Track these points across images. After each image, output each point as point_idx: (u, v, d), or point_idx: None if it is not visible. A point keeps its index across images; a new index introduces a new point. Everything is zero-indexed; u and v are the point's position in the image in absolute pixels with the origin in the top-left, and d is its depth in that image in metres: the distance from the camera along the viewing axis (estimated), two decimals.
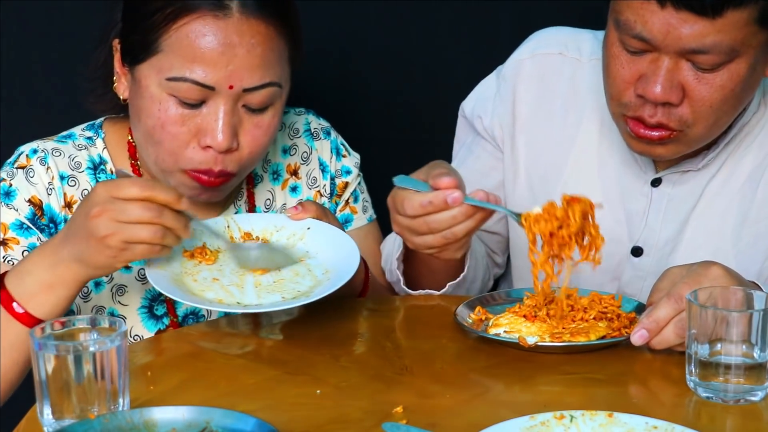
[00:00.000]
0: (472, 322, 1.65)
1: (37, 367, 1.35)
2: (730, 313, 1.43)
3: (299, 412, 1.41)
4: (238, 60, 1.69)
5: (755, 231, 1.86)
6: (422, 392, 1.47)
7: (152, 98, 1.71)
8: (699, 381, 1.44)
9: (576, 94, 1.94)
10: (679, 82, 1.69)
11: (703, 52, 1.66)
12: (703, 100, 1.70)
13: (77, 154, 1.83)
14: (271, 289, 1.65)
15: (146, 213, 1.53)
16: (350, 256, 1.70)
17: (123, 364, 1.36)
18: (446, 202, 1.62)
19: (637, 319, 1.62)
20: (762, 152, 1.86)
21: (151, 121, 1.72)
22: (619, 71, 1.73)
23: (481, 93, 2.04)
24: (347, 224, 1.97)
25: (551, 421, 1.32)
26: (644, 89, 1.70)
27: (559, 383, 1.51)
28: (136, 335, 1.84)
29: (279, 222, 1.76)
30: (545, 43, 1.99)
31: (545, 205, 1.60)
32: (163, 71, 1.70)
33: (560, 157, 1.95)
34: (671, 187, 1.88)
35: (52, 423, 1.35)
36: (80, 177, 1.82)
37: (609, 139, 1.91)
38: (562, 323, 1.60)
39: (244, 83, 1.70)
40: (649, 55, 1.70)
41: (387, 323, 1.75)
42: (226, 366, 1.57)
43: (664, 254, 1.89)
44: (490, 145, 2.02)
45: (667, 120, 1.72)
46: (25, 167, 1.79)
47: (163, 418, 1.32)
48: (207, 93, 1.70)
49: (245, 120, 1.73)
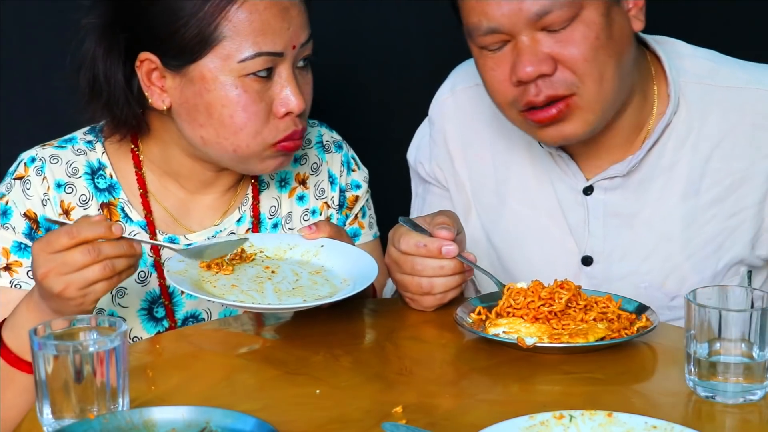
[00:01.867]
0: (472, 322, 1.65)
1: (37, 367, 1.35)
2: (728, 312, 1.43)
3: (299, 412, 1.42)
4: (295, 20, 1.76)
5: (702, 235, 1.86)
6: (422, 392, 1.47)
7: (224, 87, 1.74)
8: (698, 380, 1.44)
9: (500, 119, 1.93)
10: (544, 53, 1.72)
11: (547, 13, 1.69)
12: (575, 56, 1.72)
13: (75, 160, 1.84)
14: (291, 293, 1.66)
15: (85, 257, 1.55)
16: (368, 264, 1.72)
17: (123, 364, 1.37)
18: (440, 251, 1.68)
19: (637, 320, 1.63)
20: (697, 156, 1.85)
21: (228, 110, 1.74)
22: (493, 75, 1.77)
23: (419, 140, 2.08)
24: (355, 238, 1.98)
25: (551, 421, 1.32)
26: (517, 74, 1.73)
27: (558, 383, 1.51)
28: (136, 337, 1.84)
29: (292, 241, 1.78)
30: (462, 78, 2.03)
31: (531, 283, 1.66)
32: (231, 57, 1.73)
33: (500, 185, 1.98)
34: (604, 194, 1.89)
35: (51, 423, 1.35)
36: (77, 183, 1.83)
37: (539, 156, 1.93)
38: (561, 324, 1.60)
39: (301, 39, 1.77)
40: (507, 45, 1.74)
41: (387, 323, 1.75)
42: (226, 366, 1.57)
43: (614, 261, 1.89)
44: (438, 188, 2.05)
45: (553, 90, 1.73)
46: (22, 177, 1.81)
47: (162, 418, 1.32)
48: (275, 61, 1.75)
49: (300, 79, 1.80)
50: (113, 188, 1.85)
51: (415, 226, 1.71)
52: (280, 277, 1.69)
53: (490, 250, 1.99)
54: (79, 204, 1.82)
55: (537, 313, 1.61)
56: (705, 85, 1.86)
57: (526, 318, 1.61)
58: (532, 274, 1.84)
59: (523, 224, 1.95)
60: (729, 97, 1.85)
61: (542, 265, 1.92)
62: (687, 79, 1.87)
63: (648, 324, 1.61)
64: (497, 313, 1.64)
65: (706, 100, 1.86)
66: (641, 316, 1.64)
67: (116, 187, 1.85)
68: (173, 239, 1.86)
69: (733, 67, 1.89)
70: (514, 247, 1.96)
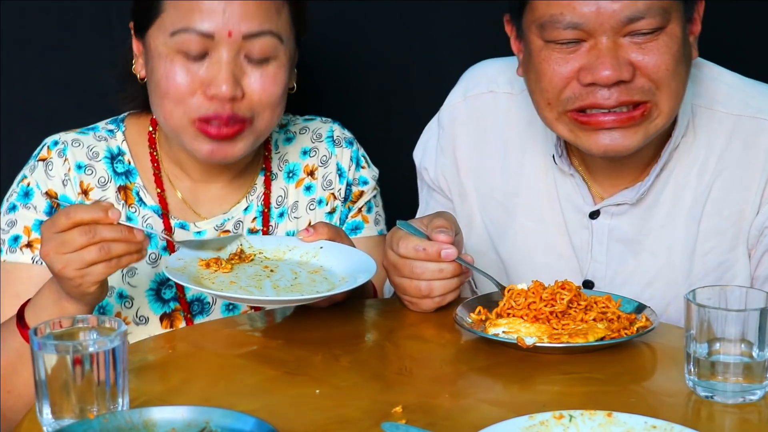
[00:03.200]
0: (472, 322, 1.65)
1: (37, 367, 1.35)
2: (728, 312, 1.43)
3: (299, 412, 1.42)
4: (236, 6, 1.76)
5: (703, 264, 1.86)
6: (422, 392, 1.47)
7: (160, 56, 1.78)
8: (698, 380, 1.44)
9: (514, 127, 1.93)
10: (625, 59, 1.70)
11: (639, 18, 1.68)
12: (657, 66, 1.70)
13: (96, 145, 1.90)
14: (290, 290, 1.66)
15: (82, 237, 1.57)
16: (367, 262, 1.72)
17: (122, 364, 1.37)
18: (439, 254, 1.68)
19: (637, 320, 1.63)
20: (701, 184, 1.84)
21: (158, 76, 1.79)
22: (555, 70, 1.73)
23: (426, 143, 2.06)
24: (357, 231, 1.99)
25: (550, 421, 1.32)
26: (593, 76, 1.70)
27: (558, 383, 1.51)
28: (142, 316, 1.88)
29: (291, 243, 1.79)
30: (474, 83, 2.00)
31: (531, 284, 1.65)
32: (166, 28, 1.77)
33: (510, 197, 1.95)
34: (610, 219, 1.87)
35: (51, 423, 1.36)
36: (97, 165, 1.89)
37: (552, 172, 1.91)
38: (560, 324, 1.60)
39: (242, 29, 1.76)
40: (584, 44, 1.71)
41: (387, 323, 1.76)
42: (226, 366, 1.57)
43: (615, 287, 1.87)
44: (441, 197, 2.04)
45: (629, 96, 1.71)
46: (45, 159, 1.87)
47: (162, 418, 1.32)
48: (208, 43, 1.76)
49: (249, 71, 1.79)
50: (130, 173, 1.91)
51: (413, 229, 1.71)
52: (279, 276, 1.70)
53: (498, 262, 1.98)
54: (98, 185, 1.88)
55: (538, 313, 1.61)
56: (715, 111, 1.85)
57: (526, 318, 1.61)
58: None
59: (530, 239, 1.94)
60: (737, 126, 1.83)
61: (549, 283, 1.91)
62: (699, 103, 1.85)
63: (648, 324, 1.61)
64: (497, 314, 1.64)
65: (714, 127, 1.84)
66: (641, 315, 1.64)
67: (133, 173, 1.91)
68: (183, 225, 1.90)
69: (748, 93, 1.86)
70: (520, 262, 1.95)
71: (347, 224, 1.98)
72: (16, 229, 1.84)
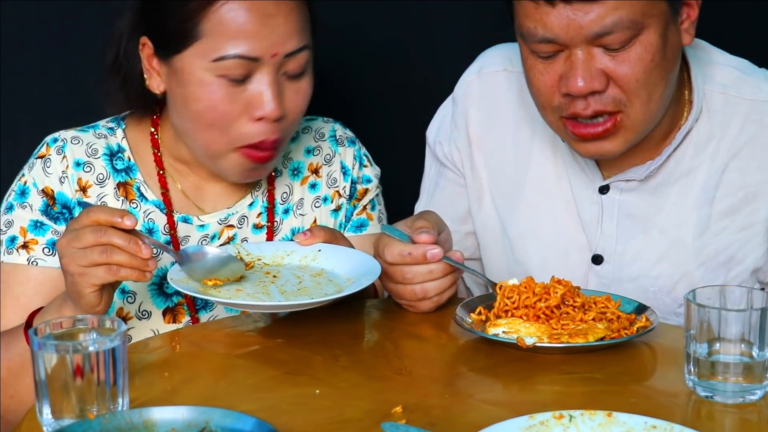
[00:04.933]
0: (472, 322, 1.65)
1: (37, 367, 1.35)
2: (728, 312, 1.43)
3: (299, 412, 1.42)
4: (279, 29, 1.75)
5: (715, 244, 1.87)
6: (422, 392, 1.47)
7: (199, 83, 1.76)
8: (698, 380, 1.44)
9: (525, 107, 1.94)
10: (598, 69, 1.71)
11: (608, 33, 1.68)
12: (627, 77, 1.71)
13: (95, 142, 1.90)
14: (297, 294, 1.67)
15: (92, 235, 1.59)
16: (369, 262, 1.72)
17: (122, 364, 1.37)
18: (425, 257, 1.68)
19: (637, 320, 1.63)
20: (714, 165, 1.86)
21: (200, 105, 1.77)
22: (540, 79, 1.76)
23: (440, 120, 2.08)
24: (362, 228, 2.00)
25: (550, 421, 1.32)
26: (567, 87, 1.72)
27: (558, 383, 1.51)
28: (145, 311, 1.88)
29: (289, 247, 1.79)
30: (490, 62, 2.02)
31: (524, 279, 1.65)
32: (206, 54, 1.75)
33: (519, 173, 1.97)
34: (619, 194, 1.89)
35: (51, 423, 1.36)
36: (96, 163, 1.89)
37: (561, 149, 1.93)
38: (560, 324, 1.60)
39: (286, 49, 1.76)
40: (561, 54, 1.73)
41: (387, 323, 1.76)
42: (226, 366, 1.57)
43: (624, 263, 1.89)
44: (452, 173, 2.04)
45: (602, 105, 1.73)
46: (44, 156, 1.87)
47: (162, 418, 1.32)
48: (252, 66, 1.75)
49: (286, 87, 1.79)
50: (130, 170, 1.91)
51: (398, 233, 1.71)
52: (283, 281, 1.70)
53: (505, 239, 1.99)
54: (96, 182, 1.88)
55: (536, 310, 1.61)
56: (729, 95, 1.87)
57: (527, 318, 1.61)
58: (544, 268, 1.85)
59: (539, 216, 1.95)
60: (751, 110, 1.85)
61: (555, 260, 1.92)
62: (712, 88, 1.87)
63: (648, 324, 1.61)
64: (495, 315, 1.64)
65: (728, 110, 1.86)
66: (641, 316, 1.64)
67: (133, 169, 1.91)
68: (186, 218, 1.90)
69: (760, 79, 1.88)
70: (528, 239, 1.96)
71: (352, 221, 1.99)
72: (12, 230, 1.85)
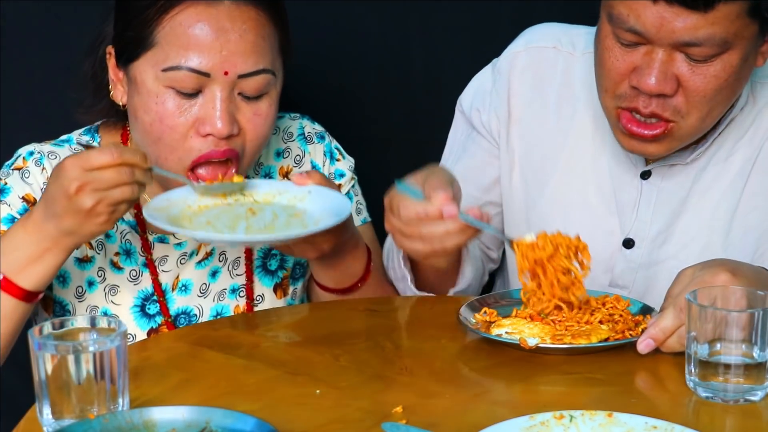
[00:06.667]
0: (476, 322, 1.65)
1: (37, 367, 1.35)
2: (729, 312, 1.43)
3: (299, 412, 1.42)
4: (232, 45, 1.72)
5: (744, 224, 1.87)
6: (422, 392, 1.47)
7: (149, 93, 1.73)
8: (699, 381, 1.44)
9: (569, 87, 1.95)
10: (673, 73, 1.71)
11: (696, 45, 1.68)
12: (698, 90, 1.71)
13: None
14: (263, 231, 1.66)
15: (122, 176, 1.59)
16: (341, 206, 1.70)
17: (123, 364, 1.37)
18: (440, 214, 1.63)
19: (642, 321, 1.62)
20: (752, 147, 1.87)
21: (149, 117, 1.74)
22: (613, 63, 1.75)
23: (479, 87, 2.05)
24: None
25: (551, 421, 1.32)
26: (638, 81, 1.72)
27: (558, 383, 1.51)
28: (129, 334, 1.85)
29: (283, 186, 1.77)
30: (539, 37, 2.01)
31: (539, 234, 1.62)
32: (158, 63, 1.72)
33: (554, 150, 1.96)
34: (660, 180, 1.89)
35: (51, 423, 1.35)
36: None
37: (602, 132, 1.92)
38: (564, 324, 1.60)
39: (238, 69, 1.72)
40: (642, 47, 1.72)
41: (387, 323, 1.75)
42: (226, 366, 1.57)
43: (655, 246, 1.89)
44: (486, 141, 2.02)
45: (661, 110, 1.73)
46: (21, 168, 1.83)
47: (162, 418, 1.32)
48: (203, 80, 1.72)
49: (243, 108, 1.76)
50: None
51: (412, 190, 1.65)
52: (259, 218, 1.70)
53: (531, 215, 1.97)
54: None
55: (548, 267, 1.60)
56: None
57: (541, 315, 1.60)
58: None
59: (569, 194, 1.94)
60: None
61: None
62: (757, 79, 1.87)
63: None
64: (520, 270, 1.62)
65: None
66: (646, 317, 1.63)
67: None
68: (163, 239, 1.88)
69: None
70: (555, 216, 1.95)
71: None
72: None
